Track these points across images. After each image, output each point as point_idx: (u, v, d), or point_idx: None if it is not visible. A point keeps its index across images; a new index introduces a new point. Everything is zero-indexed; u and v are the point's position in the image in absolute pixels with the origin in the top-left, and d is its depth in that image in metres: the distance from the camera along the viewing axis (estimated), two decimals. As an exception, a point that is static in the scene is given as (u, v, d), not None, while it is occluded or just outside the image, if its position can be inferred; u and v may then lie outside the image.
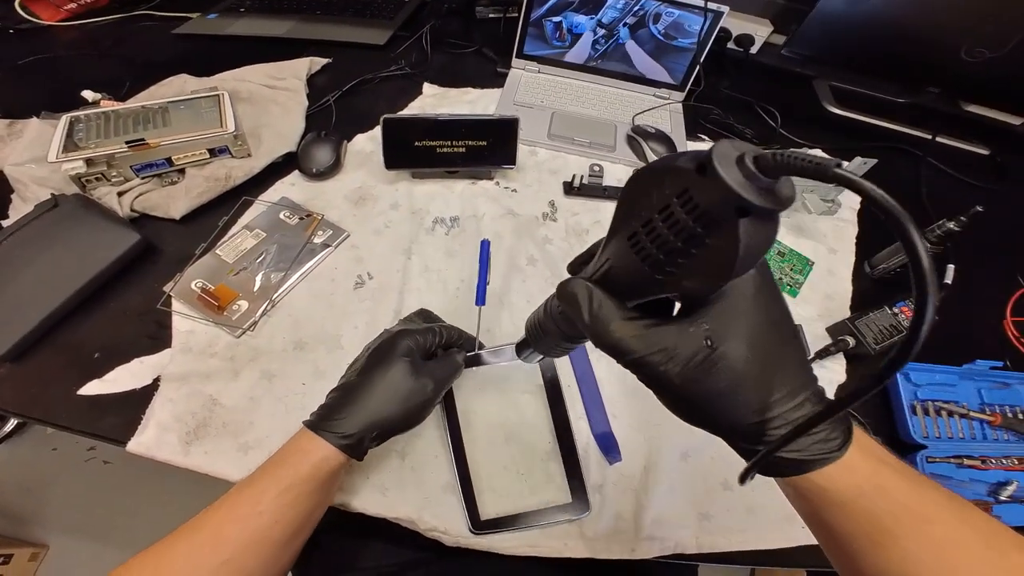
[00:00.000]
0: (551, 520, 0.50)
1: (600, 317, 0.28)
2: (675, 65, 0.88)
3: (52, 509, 1.35)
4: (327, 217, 0.69)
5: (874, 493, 0.28)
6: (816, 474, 0.28)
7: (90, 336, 0.58)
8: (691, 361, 0.26)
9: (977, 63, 0.80)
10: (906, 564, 0.27)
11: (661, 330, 0.27)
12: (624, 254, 0.25)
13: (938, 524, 0.28)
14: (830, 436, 0.27)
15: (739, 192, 0.19)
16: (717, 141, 0.21)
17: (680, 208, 0.21)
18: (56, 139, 0.66)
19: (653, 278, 0.24)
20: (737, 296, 0.27)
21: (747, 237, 0.20)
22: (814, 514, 0.31)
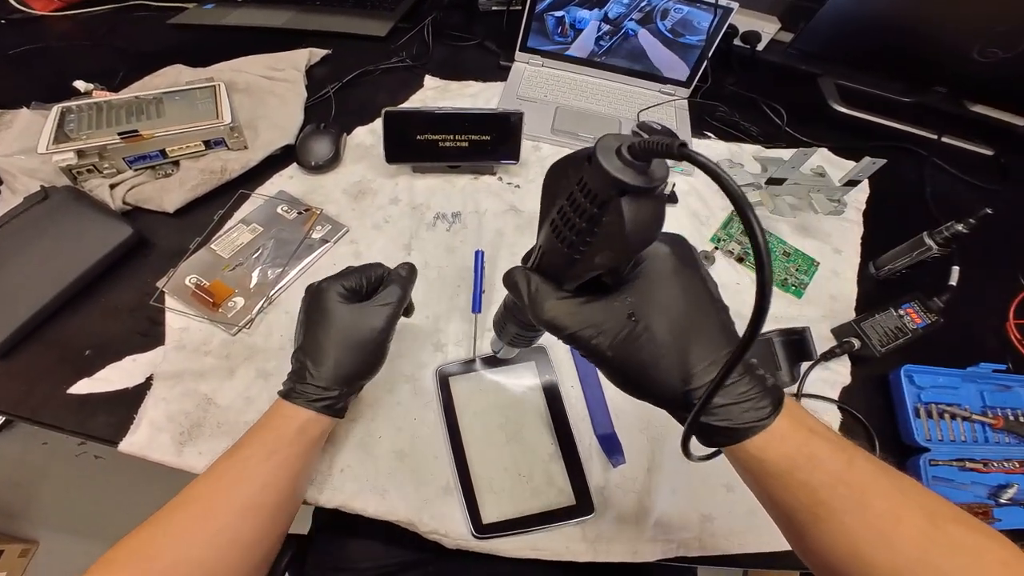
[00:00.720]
0: (554, 523, 0.49)
1: (537, 299, 0.30)
2: (684, 55, 0.86)
3: (42, 504, 1.32)
4: (326, 211, 0.67)
5: (807, 464, 0.29)
6: (750, 444, 0.29)
7: (80, 333, 0.56)
8: (618, 334, 0.29)
9: (988, 63, 0.78)
10: (847, 538, 0.28)
11: (590, 306, 0.29)
12: (549, 239, 0.28)
13: (875, 498, 0.29)
14: (758, 405, 0.29)
15: (614, 175, 0.23)
16: (602, 136, 0.24)
17: (579, 193, 0.25)
18: (47, 130, 0.64)
19: (572, 258, 0.27)
20: (655, 274, 0.30)
21: (630, 212, 0.24)
22: (758, 489, 0.32)
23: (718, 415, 0.29)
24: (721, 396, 0.28)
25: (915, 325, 0.61)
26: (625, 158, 0.23)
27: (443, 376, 0.55)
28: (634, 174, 0.23)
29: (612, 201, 0.24)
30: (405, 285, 0.48)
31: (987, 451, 0.57)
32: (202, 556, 0.38)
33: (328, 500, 0.49)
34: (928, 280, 0.67)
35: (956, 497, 0.54)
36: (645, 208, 0.24)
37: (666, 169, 0.24)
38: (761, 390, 0.29)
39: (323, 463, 0.50)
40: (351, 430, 0.52)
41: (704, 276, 0.31)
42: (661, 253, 0.30)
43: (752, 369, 0.30)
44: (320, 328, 0.44)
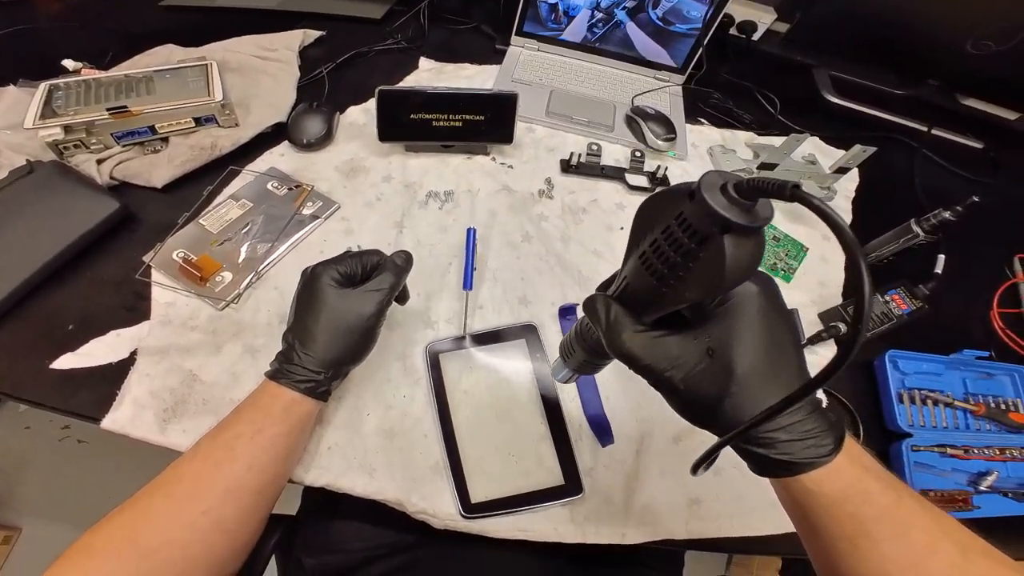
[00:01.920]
0: (543, 503, 0.47)
1: (615, 328, 0.30)
2: (676, 45, 0.84)
3: (25, 490, 1.26)
4: (317, 188, 0.64)
5: (858, 498, 0.29)
6: (806, 478, 0.29)
7: (64, 307, 0.53)
8: (694, 368, 0.28)
9: (981, 56, 0.77)
10: (881, 565, 0.29)
11: (667, 340, 0.29)
12: (636, 271, 0.28)
13: (916, 531, 0.29)
14: (821, 442, 0.28)
15: (720, 212, 0.22)
16: (706, 172, 0.24)
17: (677, 228, 0.25)
18: (34, 106, 0.61)
19: (660, 291, 0.27)
20: (740, 312, 0.29)
21: (731, 249, 0.23)
22: (801, 514, 0.31)
23: (779, 449, 0.28)
24: (786, 432, 0.28)
25: (900, 311, 0.60)
26: (731, 195, 0.22)
27: (433, 353, 0.53)
28: (739, 212, 0.22)
29: (713, 238, 0.23)
30: (399, 273, 0.46)
31: (968, 438, 0.57)
32: (184, 539, 0.36)
33: (315, 479, 0.47)
34: (914, 268, 0.67)
35: (937, 484, 0.54)
36: (746, 247, 0.24)
37: (771, 209, 0.23)
38: (825, 428, 0.29)
39: (311, 441, 0.48)
40: (339, 408, 0.50)
41: (787, 317, 0.31)
42: (750, 292, 0.29)
43: (819, 408, 0.29)
44: (310, 311, 0.43)
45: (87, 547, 0.35)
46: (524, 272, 0.61)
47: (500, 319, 0.57)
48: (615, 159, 0.74)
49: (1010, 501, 0.54)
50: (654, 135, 0.74)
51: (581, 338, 0.38)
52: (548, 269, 0.62)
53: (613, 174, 0.72)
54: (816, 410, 0.29)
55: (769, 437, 0.28)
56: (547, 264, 0.62)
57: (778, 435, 0.28)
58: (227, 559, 0.39)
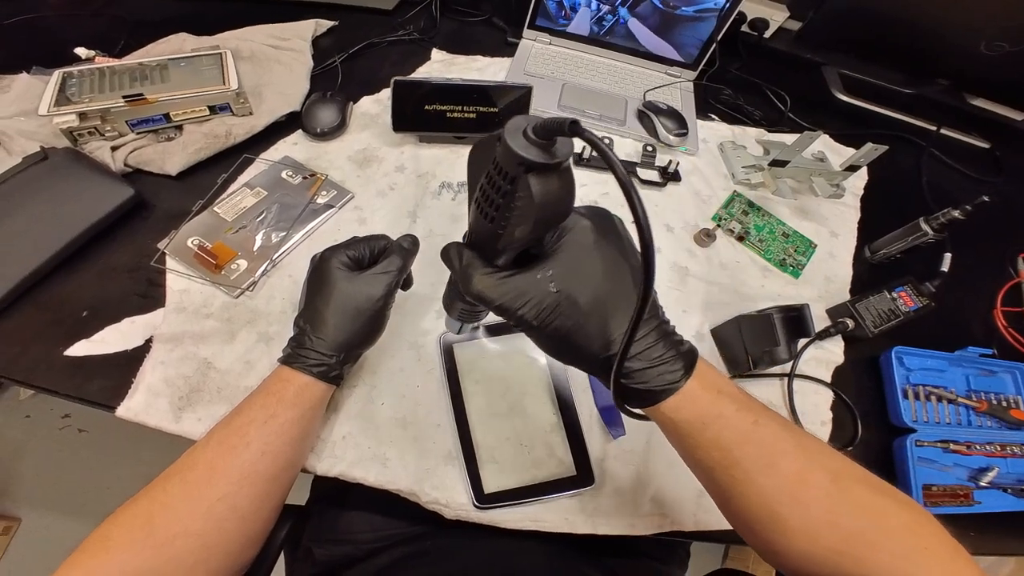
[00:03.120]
0: (555, 493, 0.47)
1: (467, 272, 0.30)
2: (684, 40, 0.81)
3: (25, 481, 1.21)
4: (331, 177, 0.63)
5: (715, 422, 0.29)
6: (664, 406, 0.29)
7: (78, 294, 0.52)
8: (542, 304, 0.29)
9: (994, 57, 0.75)
10: (763, 499, 0.29)
11: (514, 279, 0.29)
12: (475, 216, 0.29)
13: (782, 458, 0.29)
14: (672, 367, 0.29)
15: (519, 152, 0.23)
16: (512, 118, 0.25)
17: (494, 171, 0.25)
18: (48, 93, 0.59)
19: (496, 232, 0.27)
20: (575, 246, 0.29)
21: (537, 186, 0.24)
22: (680, 450, 0.32)
23: (635, 378, 0.29)
24: (638, 360, 0.29)
25: (907, 308, 0.59)
26: (531, 137, 0.23)
27: (447, 343, 0.52)
28: (538, 152, 0.23)
29: (520, 177, 0.24)
30: (406, 256, 0.45)
31: (970, 434, 0.56)
32: (201, 528, 0.35)
33: (328, 469, 0.46)
34: (921, 265, 0.66)
35: (939, 479, 0.53)
36: (551, 182, 0.25)
37: (571, 146, 0.25)
38: (675, 354, 0.29)
39: (325, 430, 0.47)
40: (353, 396, 0.49)
41: (626, 247, 0.31)
42: (581, 225, 0.30)
43: (668, 334, 0.30)
44: (320, 295, 0.42)
45: (104, 538, 0.34)
46: (536, 263, 0.59)
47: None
48: (626, 153, 0.73)
49: (1010, 497, 0.54)
50: (666, 130, 0.72)
51: (454, 288, 0.38)
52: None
53: (624, 168, 0.69)
54: (664, 336, 0.30)
55: (626, 367, 0.28)
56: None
57: (632, 363, 0.28)
58: (242, 547, 0.38)
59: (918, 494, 0.51)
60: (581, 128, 0.22)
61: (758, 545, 0.32)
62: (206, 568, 0.35)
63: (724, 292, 0.61)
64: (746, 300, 0.61)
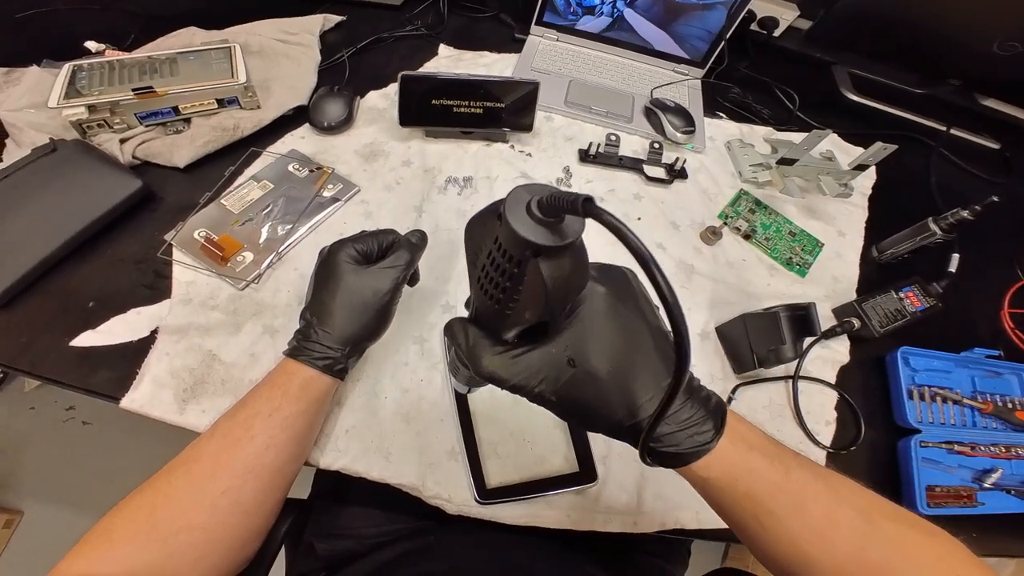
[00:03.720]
0: (557, 489, 0.46)
1: (475, 352, 0.29)
2: (690, 32, 0.79)
3: (27, 473, 1.19)
4: (337, 171, 0.62)
5: (747, 477, 0.29)
6: (696, 466, 0.28)
7: (85, 284, 0.51)
8: (559, 380, 0.27)
9: (1007, 57, 0.73)
10: (791, 540, 0.29)
11: (527, 357, 0.28)
12: (479, 296, 0.26)
13: (811, 502, 0.29)
14: (702, 429, 0.28)
15: (526, 238, 0.21)
16: (513, 190, 0.22)
17: (496, 252, 0.23)
18: (58, 86, 0.59)
19: (503, 313, 0.25)
20: (589, 316, 0.28)
21: (548, 271, 0.22)
22: (711, 503, 0.31)
23: (664, 442, 0.28)
24: (667, 425, 0.27)
25: (914, 308, 0.58)
26: (535, 215, 0.21)
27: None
28: (546, 233, 0.21)
29: (528, 261, 0.22)
30: (414, 251, 0.45)
31: (975, 435, 0.56)
32: (204, 522, 0.35)
33: (331, 462, 0.45)
34: (928, 266, 0.65)
35: (943, 480, 0.52)
36: (563, 265, 0.22)
37: (581, 224, 0.22)
38: (704, 414, 0.28)
39: (328, 423, 0.47)
40: (357, 390, 0.49)
41: (642, 305, 0.30)
42: (596, 293, 0.28)
43: (696, 392, 0.29)
44: (327, 288, 0.42)
45: (107, 530, 0.33)
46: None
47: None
48: (633, 150, 0.72)
49: (1013, 498, 0.53)
50: (673, 127, 0.71)
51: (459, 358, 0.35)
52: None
53: (631, 165, 0.69)
54: (693, 395, 0.29)
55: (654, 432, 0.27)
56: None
57: (661, 428, 0.27)
58: (245, 541, 0.38)
59: (921, 495, 0.50)
60: (597, 209, 0.19)
61: None
62: (209, 562, 0.35)
63: (730, 290, 0.60)
64: (752, 299, 0.60)
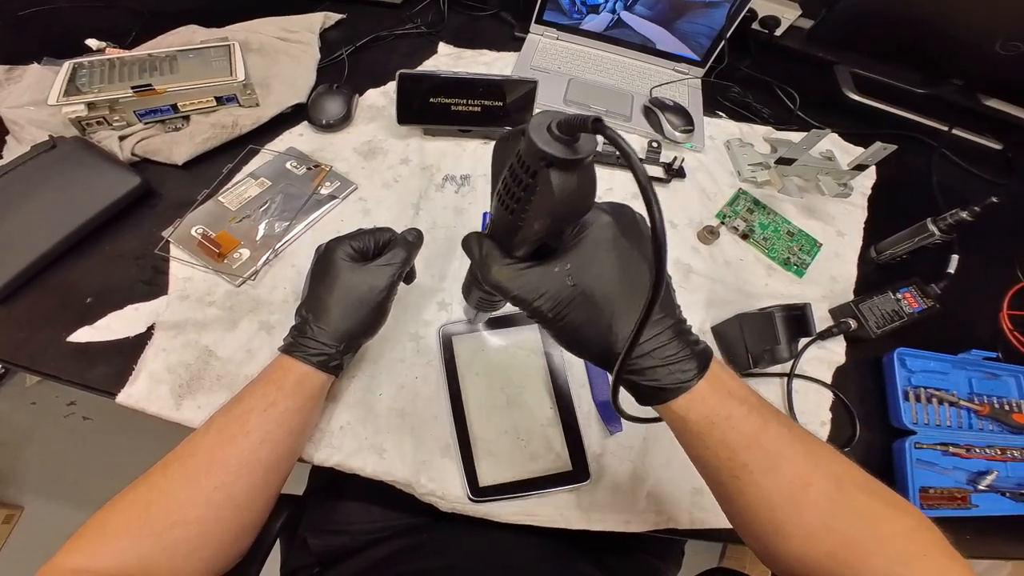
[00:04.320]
0: (550, 488, 0.46)
1: (486, 262, 0.30)
2: (692, 31, 0.79)
3: (28, 468, 1.18)
4: (335, 168, 0.62)
5: (723, 423, 0.29)
6: (675, 404, 0.29)
7: (83, 280, 0.52)
8: (558, 297, 0.28)
9: (1009, 57, 0.73)
10: (764, 500, 0.29)
11: (532, 271, 0.29)
12: (496, 208, 0.29)
13: (786, 462, 0.29)
14: (684, 367, 0.28)
15: (541, 147, 0.23)
16: (537, 113, 0.25)
17: (517, 165, 0.26)
18: (58, 83, 0.59)
19: (516, 225, 0.27)
20: (594, 241, 0.29)
21: (557, 180, 0.24)
22: (687, 448, 0.32)
23: (646, 375, 0.28)
24: (651, 358, 0.28)
25: (911, 309, 0.58)
26: (554, 133, 0.23)
27: (447, 335, 0.51)
28: (561, 147, 0.23)
29: (541, 172, 0.24)
30: (410, 249, 0.45)
31: (971, 437, 0.55)
32: (198, 516, 0.35)
33: (325, 458, 0.45)
34: (927, 267, 0.64)
35: (937, 481, 0.52)
36: (571, 178, 0.25)
37: (593, 144, 0.24)
38: (689, 354, 0.29)
39: (323, 419, 0.47)
40: (352, 386, 0.49)
41: (645, 244, 0.31)
42: (602, 221, 0.30)
43: (683, 333, 0.30)
44: (323, 285, 0.42)
45: (102, 524, 0.34)
46: (539, 257, 0.58)
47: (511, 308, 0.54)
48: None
49: (1008, 500, 0.53)
50: (672, 126, 0.70)
51: (473, 277, 0.38)
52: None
53: (637, 163, 0.68)
54: (679, 335, 0.29)
55: (637, 363, 0.28)
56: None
57: (644, 361, 0.28)
58: (239, 535, 0.38)
59: (915, 496, 0.50)
60: (604, 126, 0.22)
61: (756, 547, 0.32)
62: (202, 556, 0.35)
63: (727, 290, 0.60)
64: (749, 298, 0.59)
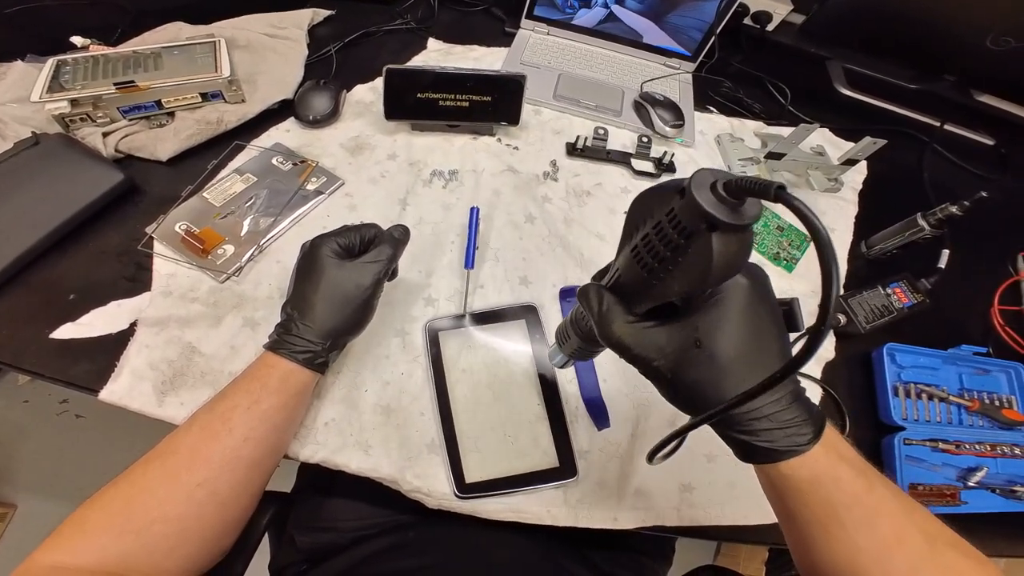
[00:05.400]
0: (537, 484, 0.46)
1: (607, 318, 0.29)
2: (683, 24, 0.78)
3: (21, 466, 1.17)
4: (322, 164, 0.62)
5: (831, 484, 0.29)
6: (785, 465, 0.28)
7: (66, 276, 0.51)
8: (680, 359, 0.28)
9: (1000, 52, 0.72)
10: (851, 554, 0.28)
11: (657, 330, 0.28)
12: (628, 264, 0.28)
13: (885, 519, 0.29)
14: (801, 431, 0.28)
15: (708, 210, 0.22)
16: (698, 170, 0.23)
17: (668, 224, 0.24)
18: (41, 80, 0.59)
19: (651, 283, 0.26)
20: (727, 304, 0.28)
21: (718, 246, 0.23)
22: (778, 497, 0.31)
23: (760, 437, 0.28)
24: (768, 421, 0.28)
25: (901, 304, 0.58)
26: (720, 194, 0.22)
27: (433, 331, 0.50)
28: (727, 211, 0.22)
29: (702, 235, 0.23)
30: (396, 246, 0.45)
31: (960, 433, 0.55)
32: (179, 513, 0.34)
33: (311, 455, 0.45)
34: (917, 262, 0.64)
35: (926, 478, 0.52)
36: (733, 244, 0.23)
37: (759, 208, 0.23)
38: (806, 418, 0.28)
39: (307, 416, 0.46)
40: (337, 382, 0.48)
41: (776, 314, 0.30)
42: (740, 284, 0.28)
43: (800, 398, 0.29)
44: (309, 282, 0.41)
45: (81, 522, 0.33)
46: (526, 253, 0.58)
47: (501, 299, 0.54)
48: (621, 144, 0.71)
49: (997, 497, 0.52)
50: (662, 121, 0.70)
51: (576, 325, 0.37)
52: (550, 250, 0.59)
53: (619, 159, 0.68)
54: (797, 400, 0.29)
55: (751, 425, 0.28)
56: (549, 245, 0.59)
57: (760, 423, 0.28)
58: (221, 533, 0.37)
59: (904, 492, 0.50)
60: (788, 195, 0.20)
61: None
62: (183, 553, 0.35)
63: (715, 285, 0.59)
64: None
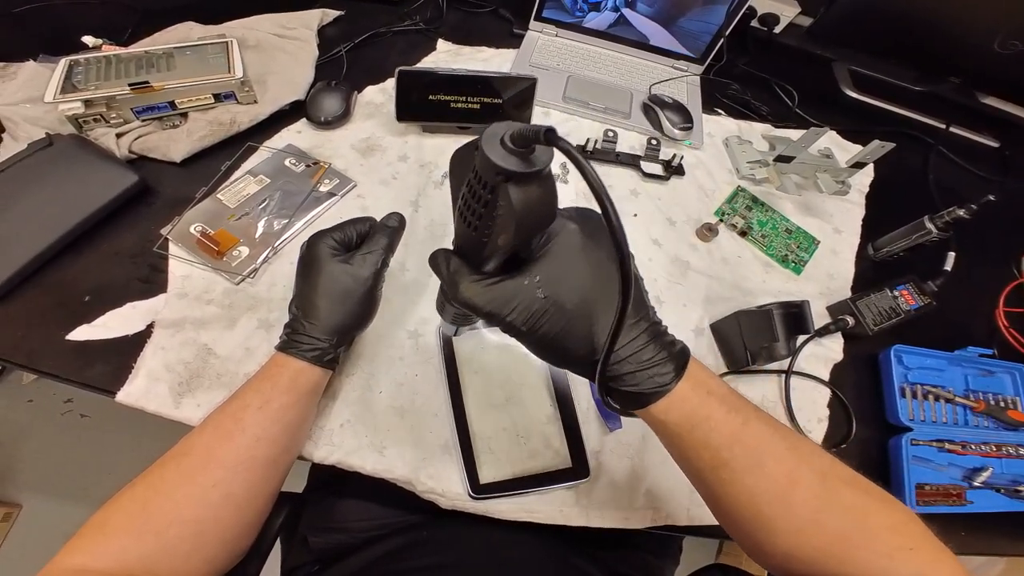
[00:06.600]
0: (550, 485, 0.46)
1: (454, 279, 0.29)
2: (691, 29, 0.78)
3: (26, 466, 1.18)
4: (334, 166, 0.62)
5: (704, 425, 0.29)
6: (654, 408, 0.29)
7: (81, 278, 0.51)
8: (530, 309, 0.28)
9: (1007, 55, 0.73)
10: (750, 499, 0.29)
11: (501, 286, 0.28)
12: (459, 225, 0.28)
13: (770, 459, 0.29)
14: (662, 370, 0.28)
15: (496, 162, 0.23)
16: (490, 125, 0.24)
17: (474, 180, 0.25)
18: (54, 80, 0.58)
19: (480, 240, 0.27)
20: (562, 249, 0.28)
21: (516, 195, 0.23)
22: (670, 450, 0.32)
23: (625, 381, 0.28)
24: (628, 363, 0.28)
25: (908, 306, 0.58)
26: (508, 146, 0.23)
27: (446, 333, 0.51)
28: (517, 161, 0.23)
29: (499, 186, 0.24)
30: (391, 235, 0.44)
31: (966, 434, 0.55)
32: (195, 515, 0.35)
33: (325, 456, 0.45)
34: (924, 264, 0.64)
35: (933, 478, 0.52)
36: (531, 191, 0.24)
37: (550, 154, 0.24)
38: (666, 356, 0.29)
39: (322, 417, 0.46)
40: (351, 384, 0.48)
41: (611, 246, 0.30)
42: (568, 229, 0.29)
43: (659, 335, 0.29)
44: (308, 280, 0.42)
45: (101, 525, 0.33)
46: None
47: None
48: (630, 146, 0.71)
49: (1002, 497, 0.53)
50: (671, 124, 0.70)
51: (443, 292, 0.37)
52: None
53: (628, 161, 0.68)
54: (655, 337, 0.29)
55: (615, 370, 0.28)
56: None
57: (622, 367, 0.28)
58: (238, 535, 0.38)
59: (911, 493, 0.50)
60: (556, 137, 0.21)
61: (745, 544, 0.32)
62: (202, 555, 0.35)
63: (725, 287, 0.60)
64: (747, 295, 0.59)
